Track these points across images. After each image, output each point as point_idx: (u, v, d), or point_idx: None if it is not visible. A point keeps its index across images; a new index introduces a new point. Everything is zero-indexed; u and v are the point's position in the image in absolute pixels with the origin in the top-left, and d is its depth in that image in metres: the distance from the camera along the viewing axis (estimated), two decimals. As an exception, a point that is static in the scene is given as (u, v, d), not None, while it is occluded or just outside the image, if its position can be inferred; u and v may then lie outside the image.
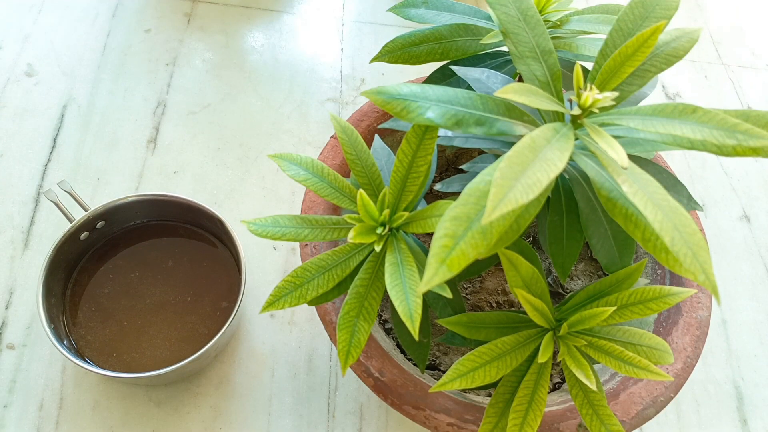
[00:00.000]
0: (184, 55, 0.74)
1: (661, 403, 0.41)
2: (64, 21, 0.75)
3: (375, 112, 0.51)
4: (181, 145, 0.68)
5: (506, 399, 0.37)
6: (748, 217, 0.69)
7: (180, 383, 0.54)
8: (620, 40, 0.34)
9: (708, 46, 0.83)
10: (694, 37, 0.34)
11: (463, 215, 0.28)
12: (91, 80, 0.71)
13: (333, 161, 0.49)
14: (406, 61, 0.42)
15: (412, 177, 0.36)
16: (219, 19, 0.78)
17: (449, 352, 0.49)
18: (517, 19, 0.35)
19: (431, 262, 0.27)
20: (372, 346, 0.43)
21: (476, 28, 0.42)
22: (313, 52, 0.77)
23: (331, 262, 0.37)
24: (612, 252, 0.38)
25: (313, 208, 0.47)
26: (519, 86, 0.30)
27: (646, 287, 0.36)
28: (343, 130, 0.38)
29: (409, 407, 0.40)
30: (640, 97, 0.40)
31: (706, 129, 0.30)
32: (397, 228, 0.36)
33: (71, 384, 0.54)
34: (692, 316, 0.44)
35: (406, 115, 0.33)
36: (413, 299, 0.32)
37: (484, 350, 0.35)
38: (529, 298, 0.35)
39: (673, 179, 0.39)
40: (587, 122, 0.32)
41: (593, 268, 0.52)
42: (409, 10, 0.44)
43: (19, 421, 0.52)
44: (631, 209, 0.31)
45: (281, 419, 0.54)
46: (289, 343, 0.57)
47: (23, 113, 0.68)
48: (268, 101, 0.72)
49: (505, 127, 0.33)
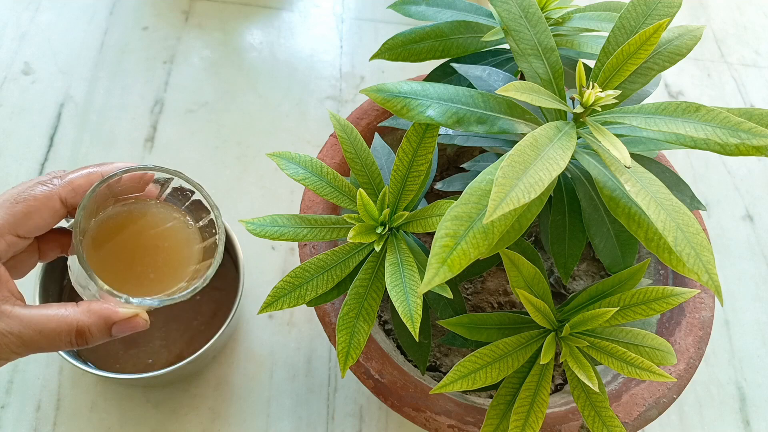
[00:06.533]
0: (181, 52, 0.74)
1: (663, 404, 0.41)
2: (62, 19, 0.74)
3: (375, 110, 0.51)
4: (178, 143, 0.67)
5: (508, 401, 0.36)
6: (751, 216, 0.69)
7: (178, 384, 0.54)
8: (623, 37, 0.33)
9: (711, 44, 0.82)
10: (696, 34, 0.34)
11: (465, 215, 0.27)
12: (88, 78, 0.70)
13: (332, 160, 0.48)
14: (406, 59, 0.42)
15: (413, 176, 0.36)
16: (217, 16, 0.77)
17: (450, 353, 0.48)
18: (519, 16, 0.34)
19: (432, 262, 0.27)
20: (372, 348, 0.42)
21: (477, 26, 0.41)
22: (312, 49, 0.76)
23: (331, 262, 0.37)
24: (615, 252, 0.38)
25: (312, 208, 0.47)
26: (521, 84, 0.30)
27: (648, 287, 0.35)
28: (342, 128, 0.38)
29: (410, 409, 0.40)
30: (643, 96, 0.40)
31: (709, 128, 0.29)
32: (398, 227, 0.36)
33: (68, 385, 0.53)
34: (695, 317, 0.44)
35: (406, 113, 0.33)
36: (414, 300, 0.32)
37: (486, 351, 0.35)
38: (530, 299, 0.35)
39: (675, 178, 0.39)
40: (590, 120, 0.31)
41: (596, 269, 0.52)
42: (409, 7, 0.43)
43: (16, 422, 0.52)
44: (634, 208, 0.31)
45: (280, 421, 0.53)
46: (288, 344, 0.57)
47: (20, 112, 0.67)
48: (266, 99, 0.71)
49: (507, 126, 0.33)
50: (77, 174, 0.34)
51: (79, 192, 0.34)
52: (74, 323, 0.32)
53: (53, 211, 0.33)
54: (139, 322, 0.33)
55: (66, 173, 0.34)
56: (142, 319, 0.34)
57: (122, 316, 0.33)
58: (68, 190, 0.34)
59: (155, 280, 0.35)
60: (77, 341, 0.32)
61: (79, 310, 0.32)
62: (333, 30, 0.78)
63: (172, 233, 0.37)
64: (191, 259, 0.36)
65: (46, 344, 0.32)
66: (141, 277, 0.35)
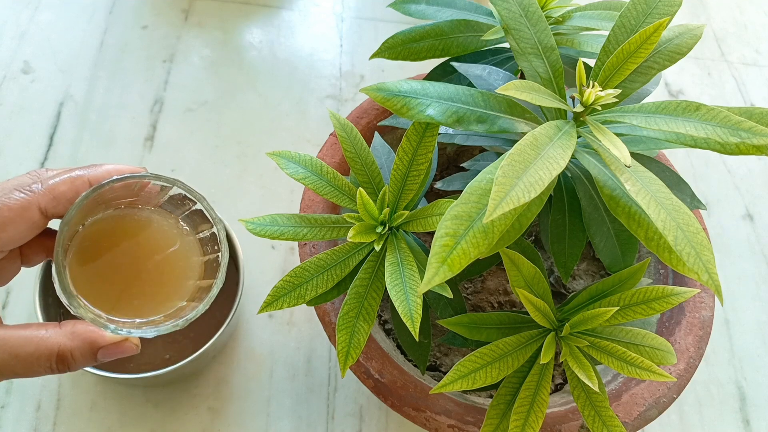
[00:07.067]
0: (181, 51, 0.73)
1: (663, 404, 0.41)
2: (61, 18, 0.74)
3: (375, 109, 0.51)
4: (178, 142, 0.67)
5: (508, 400, 0.36)
6: (751, 215, 0.68)
7: (178, 384, 0.54)
8: (623, 36, 0.33)
9: (711, 43, 0.82)
10: (697, 33, 0.34)
11: (465, 214, 0.27)
12: (88, 78, 0.70)
13: (332, 159, 0.48)
14: (406, 58, 0.42)
15: (413, 175, 0.36)
16: (217, 15, 0.77)
17: (450, 353, 0.48)
18: (519, 15, 0.34)
19: (432, 262, 0.26)
20: (372, 347, 0.42)
21: (477, 24, 0.41)
22: (311, 48, 0.76)
23: (331, 261, 0.37)
24: (615, 251, 0.38)
25: (311, 207, 0.46)
26: (521, 83, 0.30)
27: (649, 287, 0.35)
28: (342, 127, 0.37)
29: (410, 409, 0.40)
30: (643, 95, 0.40)
31: (710, 127, 0.29)
32: (398, 227, 0.36)
33: (68, 384, 0.53)
34: (695, 316, 0.44)
35: (406, 112, 0.33)
36: (413, 299, 0.32)
37: (486, 351, 0.35)
38: (530, 298, 0.35)
39: (676, 177, 0.39)
40: (590, 120, 0.31)
41: (596, 268, 0.52)
42: (409, 6, 0.43)
43: (16, 421, 0.52)
44: (634, 207, 0.31)
45: (280, 421, 0.53)
46: (287, 344, 0.57)
47: (20, 111, 0.67)
48: (266, 98, 0.71)
49: (507, 125, 0.33)
50: (60, 179, 0.30)
51: (61, 201, 0.30)
52: (55, 347, 0.28)
53: (31, 222, 0.30)
54: (129, 347, 0.30)
55: (48, 176, 0.31)
56: (132, 344, 0.30)
57: (109, 340, 0.30)
58: (49, 198, 0.30)
59: (150, 298, 0.32)
60: (58, 367, 0.29)
61: (61, 331, 0.29)
62: (333, 29, 0.78)
63: (170, 244, 0.33)
64: (190, 272, 0.33)
65: (21, 370, 0.28)
66: (134, 295, 0.32)
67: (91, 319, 0.29)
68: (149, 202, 0.34)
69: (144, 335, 0.30)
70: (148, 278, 0.32)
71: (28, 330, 0.29)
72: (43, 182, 0.30)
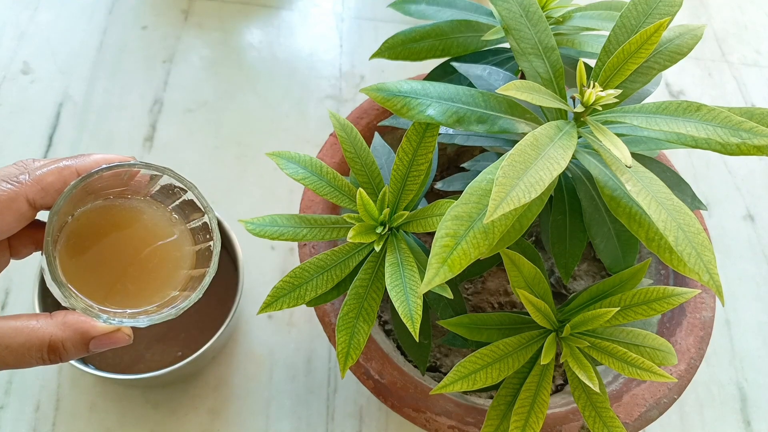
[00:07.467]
0: (181, 52, 0.73)
1: (664, 404, 0.41)
2: (61, 18, 0.74)
3: (375, 109, 0.51)
4: (177, 143, 0.67)
5: (508, 401, 0.36)
6: (752, 216, 0.68)
7: (177, 385, 0.54)
8: (623, 36, 0.33)
9: (712, 44, 0.82)
10: (697, 34, 0.34)
11: (465, 214, 0.27)
12: (87, 78, 0.70)
13: (332, 159, 0.48)
14: (406, 58, 0.42)
15: (413, 175, 0.36)
16: (216, 15, 0.77)
17: (450, 353, 0.48)
18: (519, 15, 0.34)
19: (432, 262, 0.26)
20: (372, 348, 0.42)
21: (478, 25, 0.41)
22: (311, 48, 0.76)
23: (330, 262, 0.36)
24: (615, 252, 0.38)
25: (311, 207, 0.46)
26: (521, 83, 0.30)
27: (649, 288, 0.35)
28: (342, 127, 0.37)
29: (410, 410, 0.40)
30: (644, 95, 0.40)
31: (710, 127, 0.29)
32: (398, 227, 0.36)
33: (68, 385, 0.53)
34: (696, 317, 0.44)
35: (406, 112, 0.32)
36: (414, 300, 0.32)
37: (486, 352, 0.35)
38: (531, 299, 0.35)
39: (676, 178, 0.39)
40: (590, 120, 0.31)
41: (596, 269, 0.52)
42: (409, 6, 0.43)
43: (15, 422, 0.51)
44: (634, 208, 0.31)
45: (280, 421, 0.53)
46: (287, 345, 0.57)
47: (19, 111, 0.67)
48: (266, 99, 0.71)
49: (507, 125, 0.33)
50: (47, 169, 0.30)
51: (49, 192, 0.30)
52: (46, 337, 0.28)
53: (18, 214, 0.29)
54: (121, 337, 0.30)
55: (36, 166, 0.30)
56: (125, 334, 0.30)
57: (101, 330, 0.29)
58: (37, 189, 0.29)
59: (142, 288, 0.32)
60: (50, 357, 0.29)
61: (52, 322, 0.29)
62: (333, 29, 0.78)
63: (161, 234, 0.33)
64: (182, 262, 0.33)
65: (12, 360, 0.28)
66: (126, 285, 0.31)
67: (82, 309, 0.29)
68: (139, 192, 0.33)
69: (137, 325, 0.30)
70: (140, 268, 0.32)
71: (19, 320, 0.28)
72: (31, 173, 0.29)
